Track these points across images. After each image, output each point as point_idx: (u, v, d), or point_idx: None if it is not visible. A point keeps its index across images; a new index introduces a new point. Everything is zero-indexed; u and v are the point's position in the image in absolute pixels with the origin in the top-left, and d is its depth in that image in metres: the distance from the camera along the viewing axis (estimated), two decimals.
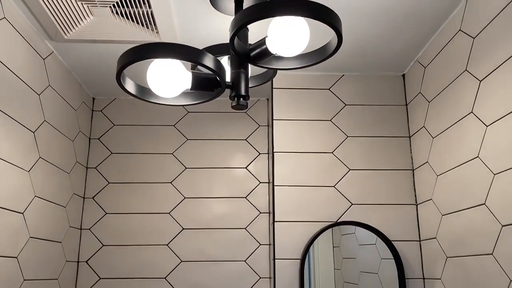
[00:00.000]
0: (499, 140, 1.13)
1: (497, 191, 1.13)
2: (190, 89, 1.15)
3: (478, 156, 1.23)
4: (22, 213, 1.42)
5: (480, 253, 1.21)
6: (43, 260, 1.56)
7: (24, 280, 1.43)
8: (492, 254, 1.15)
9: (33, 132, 1.49)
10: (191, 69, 1.21)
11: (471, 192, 1.25)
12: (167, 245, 1.92)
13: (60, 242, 1.70)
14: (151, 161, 2.01)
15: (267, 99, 2.08)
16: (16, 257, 1.38)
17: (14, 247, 1.37)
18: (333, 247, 1.70)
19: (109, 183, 1.98)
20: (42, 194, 1.55)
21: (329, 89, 1.78)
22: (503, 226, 1.11)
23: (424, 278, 1.56)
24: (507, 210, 1.10)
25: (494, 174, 1.15)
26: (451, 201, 1.36)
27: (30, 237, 1.47)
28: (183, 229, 1.94)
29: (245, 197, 1.99)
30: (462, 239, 1.30)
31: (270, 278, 1.86)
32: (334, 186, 1.67)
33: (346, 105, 1.77)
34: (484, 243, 1.19)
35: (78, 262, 1.89)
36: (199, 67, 1.22)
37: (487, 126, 1.19)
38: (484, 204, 1.19)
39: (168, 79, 1.10)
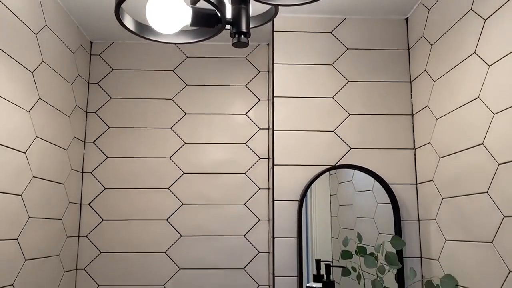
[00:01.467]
0: (501, 79, 1.12)
1: (496, 131, 1.14)
2: (190, 25, 1.13)
3: (478, 97, 1.23)
4: (25, 153, 1.43)
5: (475, 192, 1.23)
6: (47, 200, 1.59)
7: (29, 217, 1.47)
8: (487, 192, 1.18)
9: (32, 72, 1.48)
10: (191, 4, 1.18)
11: (470, 133, 1.26)
12: (168, 188, 1.95)
13: (63, 184, 1.73)
14: (150, 106, 2.01)
15: (267, 44, 2.05)
16: (21, 195, 1.41)
17: (18, 185, 1.39)
18: (330, 195, 1.73)
19: (109, 127, 1.99)
20: (43, 135, 1.56)
21: (331, 32, 1.75)
22: (499, 164, 1.13)
23: (419, 220, 1.60)
24: (505, 149, 1.11)
25: (494, 114, 1.15)
26: (449, 143, 1.37)
27: (33, 176, 1.49)
28: (183, 173, 1.96)
29: (245, 143, 2.00)
30: (458, 179, 1.32)
31: (269, 220, 1.91)
32: (333, 131, 1.67)
33: (347, 49, 1.74)
34: (480, 182, 1.21)
35: (80, 204, 1.93)
36: (199, 3, 1.19)
37: (489, 66, 1.18)
38: (482, 144, 1.20)
39: (168, 13, 1.07)
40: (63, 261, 1.74)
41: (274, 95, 1.69)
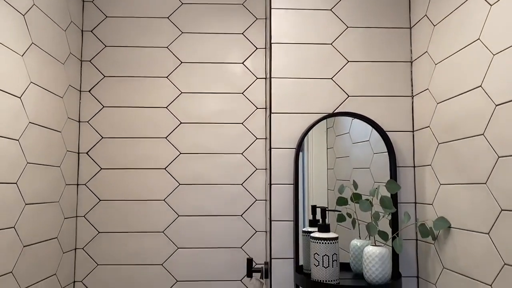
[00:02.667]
0: (502, 19, 1.10)
1: (495, 72, 1.13)
2: None
3: (478, 38, 1.21)
4: (20, 98, 1.42)
5: (471, 135, 1.24)
6: (44, 146, 1.59)
7: (28, 163, 1.47)
8: (483, 134, 1.18)
9: (23, 15, 1.44)
10: None
11: (468, 76, 1.25)
12: (165, 138, 1.95)
13: (60, 132, 1.73)
14: (146, 54, 1.98)
15: None
16: (18, 140, 1.41)
17: (14, 130, 1.39)
18: (327, 148, 1.74)
19: (104, 76, 1.96)
20: (38, 81, 1.54)
21: None
22: (496, 105, 1.13)
23: (414, 166, 1.62)
24: (502, 90, 1.10)
25: (493, 55, 1.14)
26: (448, 88, 1.37)
27: (30, 122, 1.49)
28: (180, 123, 1.96)
29: (242, 93, 1.99)
30: (454, 124, 1.32)
31: (266, 169, 1.93)
32: (331, 78, 1.66)
33: None
34: (476, 125, 1.21)
35: (78, 153, 1.93)
36: None
37: (491, 6, 1.15)
38: (480, 86, 1.20)
39: None
40: (63, 207, 1.76)
41: (272, 42, 1.66)
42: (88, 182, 1.92)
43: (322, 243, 1.45)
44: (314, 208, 1.65)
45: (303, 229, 1.61)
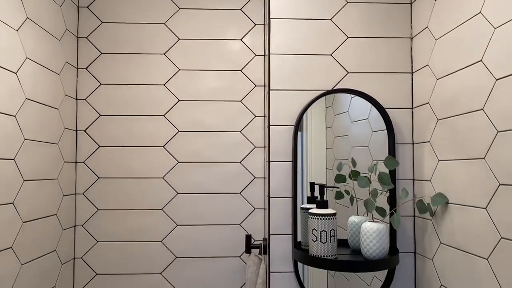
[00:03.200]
0: None
1: (496, 46, 1.12)
2: None
3: (480, 12, 1.19)
4: (16, 73, 1.40)
5: (470, 110, 1.23)
6: (42, 123, 1.58)
7: (25, 139, 1.47)
8: (482, 109, 1.18)
9: None
10: None
11: (469, 51, 1.24)
12: (163, 115, 1.95)
13: (57, 109, 1.72)
14: (143, 31, 1.95)
15: None
16: (14, 116, 1.40)
17: (11, 105, 1.38)
18: (326, 128, 1.73)
19: (101, 53, 1.94)
20: (34, 57, 1.53)
21: None
22: (497, 80, 1.12)
23: (413, 143, 1.61)
24: (503, 64, 1.09)
25: (495, 28, 1.13)
26: (448, 63, 1.35)
27: (26, 98, 1.47)
28: (179, 100, 1.95)
29: (241, 70, 1.97)
30: (454, 100, 1.31)
31: (264, 147, 1.92)
32: (331, 55, 1.64)
33: None
34: (476, 100, 1.20)
35: (76, 131, 1.92)
36: None
37: None
38: (481, 61, 1.18)
39: None
40: (62, 185, 1.76)
41: (271, 17, 1.63)
42: (87, 160, 1.92)
43: (320, 219, 1.46)
44: (312, 185, 1.66)
45: (302, 206, 1.61)
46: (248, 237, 1.78)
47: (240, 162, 1.95)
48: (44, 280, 1.60)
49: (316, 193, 1.63)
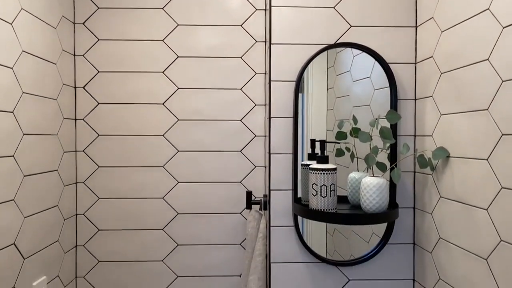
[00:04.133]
0: None
1: None
2: None
3: None
4: (11, 24, 1.37)
5: (475, 61, 1.21)
6: (40, 77, 1.56)
7: (23, 93, 1.45)
8: (487, 59, 1.15)
9: None
10: None
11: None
12: (162, 72, 1.92)
13: (55, 64, 1.69)
14: None
15: None
16: (11, 68, 1.38)
17: (8, 57, 1.35)
18: (327, 89, 1.71)
19: (98, 8, 1.90)
20: (30, 9, 1.49)
21: None
22: (504, 27, 1.09)
23: (415, 99, 1.60)
24: (511, 12, 1.06)
25: None
26: (453, 14, 1.32)
27: (23, 51, 1.45)
28: (178, 57, 1.92)
29: (241, 25, 1.93)
30: (459, 51, 1.29)
31: (265, 104, 1.91)
32: (333, 7, 1.60)
33: None
34: (481, 50, 1.18)
35: (75, 87, 1.90)
36: None
37: None
38: (488, 9, 1.15)
39: None
40: (62, 141, 1.76)
41: None
42: (86, 117, 1.91)
43: (321, 173, 1.46)
44: (313, 142, 1.65)
45: (302, 162, 1.61)
46: (249, 193, 1.79)
47: (240, 120, 1.94)
48: (47, 234, 1.62)
49: (317, 150, 1.62)
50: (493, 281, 1.12)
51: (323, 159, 1.50)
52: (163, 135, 1.92)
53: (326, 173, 1.46)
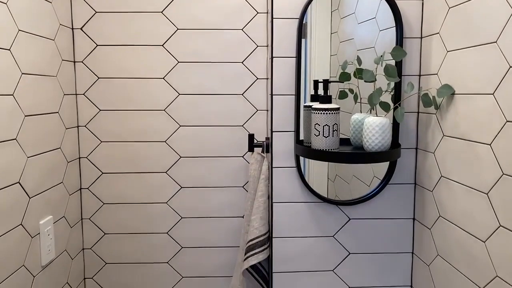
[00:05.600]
0: None
1: None
2: None
3: None
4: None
5: None
6: (35, 15, 1.52)
7: (19, 30, 1.41)
8: None
9: None
10: None
11: None
12: (161, 12, 1.87)
13: (50, 3, 1.64)
14: None
15: None
16: (5, 3, 1.33)
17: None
18: (331, 33, 1.66)
19: None
20: None
21: None
22: None
23: (421, 37, 1.56)
24: None
25: None
26: None
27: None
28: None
29: None
30: None
31: (267, 46, 1.87)
32: None
33: None
34: None
35: (72, 29, 1.86)
36: None
37: None
38: None
39: None
40: (61, 83, 1.74)
41: None
42: (85, 59, 1.88)
43: (323, 113, 1.45)
44: (316, 83, 1.63)
45: (305, 104, 1.60)
46: (251, 136, 1.79)
47: (242, 63, 1.91)
48: (51, 176, 1.63)
49: (320, 92, 1.60)
50: (492, 214, 1.14)
51: (326, 99, 1.48)
52: (163, 78, 1.90)
53: (329, 113, 1.45)
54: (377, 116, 1.45)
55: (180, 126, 1.93)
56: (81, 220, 1.95)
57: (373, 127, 1.43)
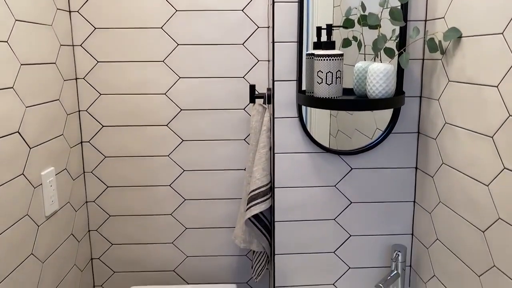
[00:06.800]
0: None
1: None
2: None
3: None
4: None
5: None
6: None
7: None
8: None
9: None
10: None
11: None
12: (161, 28, 1.80)
13: None
14: None
15: None
16: None
17: None
18: None
19: None
20: None
21: None
22: None
23: None
24: None
25: None
26: None
27: None
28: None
29: None
30: None
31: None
32: None
33: None
34: None
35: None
36: None
37: None
38: None
39: None
40: (58, 34, 1.69)
41: None
42: (81, 9, 1.82)
43: (326, 59, 1.41)
44: (319, 29, 1.58)
45: (307, 52, 1.56)
46: (252, 87, 1.76)
47: (242, 10, 1.85)
48: (51, 128, 1.62)
49: (323, 39, 1.56)
50: (497, 157, 1.13)
51: (330, 44, 1.44)
52: (161, 28, 1.85)
53: (332, 59, 1.41)
54: (381, 62, 1.41)
55: (180, 78, 1.89)
56: (83, 173, 1.96)
57: (377, 74, 1.40)
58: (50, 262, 1.61)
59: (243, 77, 1.91)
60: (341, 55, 1.42)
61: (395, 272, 1.59)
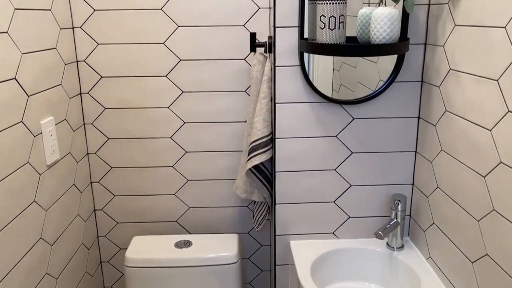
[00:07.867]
0: None
1: None
2: None
3: None
4: None
5: None
6: None
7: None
8: None
9: None
10: None
11: None
12: (161, 9, 1.71)
13: None
14: None
15: None
16: None
17: None
18: None
19: None
20: None
21: None
22: None
23: None
24: None
25: None
26: None
27: None
28: None
29: None
30: None
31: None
32: None
33: None
34: None
35: None
36: None
37: None
38: None
39: None
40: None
41: None
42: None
43: (329, 3, 1.37)
44: None
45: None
46: (253, 34, 1.72)
47: None
48: (49, 77, 1.60)
49: None
50: (501, 101, 1.11)
51: None
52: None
53: (335, 2, 1.36)
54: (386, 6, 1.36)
55: (179, 26, 1.85)
56: (84, 125, 1.95)
57: (382, 18, 1.36)
58: (53, 211, 1.63)
59: (243, 26, 1.86)
60: None
61: (395, 220, 1.61)
